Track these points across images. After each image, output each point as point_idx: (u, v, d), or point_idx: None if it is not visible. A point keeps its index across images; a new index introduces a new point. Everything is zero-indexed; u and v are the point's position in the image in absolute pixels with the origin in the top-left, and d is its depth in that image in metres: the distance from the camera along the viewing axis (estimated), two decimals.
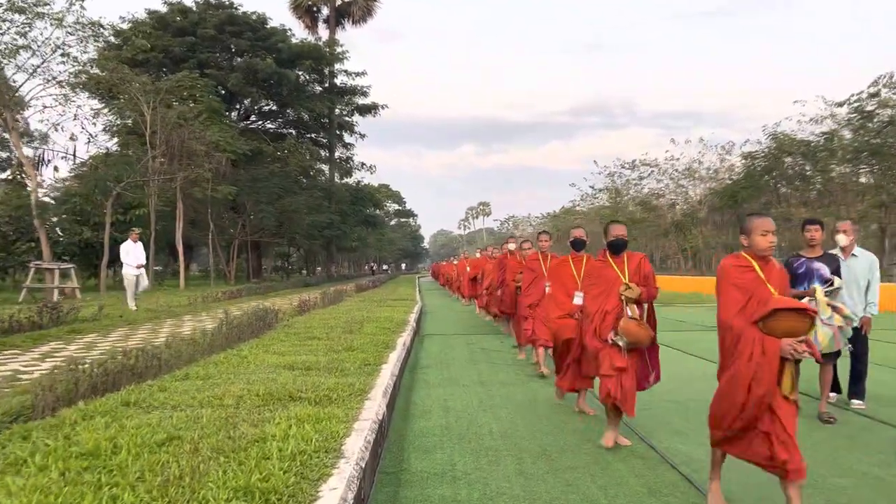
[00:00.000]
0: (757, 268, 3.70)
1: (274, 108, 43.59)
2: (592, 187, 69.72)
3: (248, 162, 35.45)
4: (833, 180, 37.83)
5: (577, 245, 6.74)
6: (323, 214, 38.42)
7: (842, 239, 6.61)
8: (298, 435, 4.10)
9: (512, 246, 10.87)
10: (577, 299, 5.92)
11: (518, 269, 9.61)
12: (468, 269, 17.78)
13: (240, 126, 40.71)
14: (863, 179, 37.70)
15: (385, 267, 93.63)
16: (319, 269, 57.38)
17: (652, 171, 59.72)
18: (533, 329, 8.25)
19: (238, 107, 42.07)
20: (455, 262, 25.34)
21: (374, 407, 5.18)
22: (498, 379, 7.83)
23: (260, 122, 44.95)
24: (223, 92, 37.81)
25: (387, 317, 12.87)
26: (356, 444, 4.10)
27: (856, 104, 33.15)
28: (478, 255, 16.77)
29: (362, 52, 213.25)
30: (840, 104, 34.42)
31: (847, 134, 35.30)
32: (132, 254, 14.90)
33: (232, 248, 35.49)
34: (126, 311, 14.67)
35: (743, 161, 44.70)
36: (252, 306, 11.53)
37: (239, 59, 37.28)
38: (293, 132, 44.65)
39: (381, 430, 5.07)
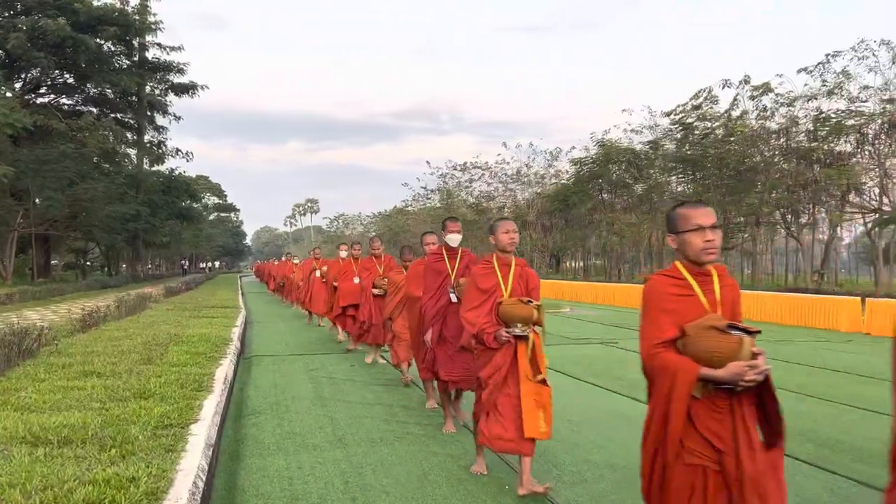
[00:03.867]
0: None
1: (70, 80, 37.66)
2: (424, 188, 69.25)
3: (33, 140, 29.93)
4: (653, 188, 39.65)
5: None
6: (128, 205, 33.49)
7: None
8: None
9: (455, 238, 5.68)
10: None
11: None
12: (319, 272, 13.57)
13: (25, 98, 34.58)
14: (680, 188, 39.88)
15: (204, 265, 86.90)
16: (125, 266, 51.16)
17: (483, 174, 60.27)
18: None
19: (23, 76, 35.75)
20: (296, 262, 19.56)
21: None
22: (363, 432, 5.65)
23: (53, 96, 38.72)
24: (2, 55, 31.75)
25: (202, 334, 10.16)
26: None
27: (680, 115, 34.69)
28: (342, 254, 10.95)
29: (185, 38, 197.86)
30: (668, 114, 35.91)
31: (669, 144, 37.03)
32: None
33: (10, 241, 29.69)
34: None
35: (573, 167, 45.87)
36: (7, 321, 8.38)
37: (24, 18, 31.43)
38: (94, 110, 38.92)
39: None
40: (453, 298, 5.46)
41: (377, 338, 8.95)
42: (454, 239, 5.67)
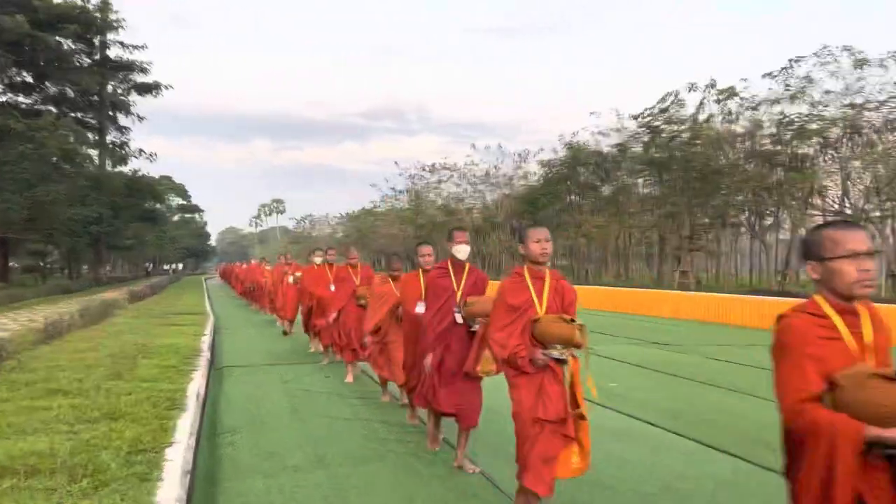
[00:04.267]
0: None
1: (29, 79, 36.62)
2: (393, 189, 69.03)
3: None
4: (621, 190, 40.04)
5: None
6: (89, 207, 32.67)
7: None
8: None
9: (464, 250, 5.19)
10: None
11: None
12: (292, 278, 12.83)
13: None
14: (647, 190, 40.35)
15: (169, 267, 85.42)
16: (87, 267, 49.98)
17: (451, 175, 60.35)
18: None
19: None
20: (267, 266, 18.39)
21: None
22: (343, 451, 5.49)
23: (10, 95, 37.61)
24: None
25: (170, 344, 9.90)
26: None
27: (648, 118, 35.04)
28: (317, 260, 10.43)
29: (149, 36, 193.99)
30: (635, 117, 36.24)
31: (637, 147, 37.40)
32: None
33: None
34: None
35: (541, 169, 46.11)
36: None
37: None
38: (54, 109, 37.91)
39: None
40: (458, 319, 4.89)
41: (358, 353, 8.29)
42: (462, 251, 5.07)
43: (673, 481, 4.73)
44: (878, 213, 27.06)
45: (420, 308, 5.37)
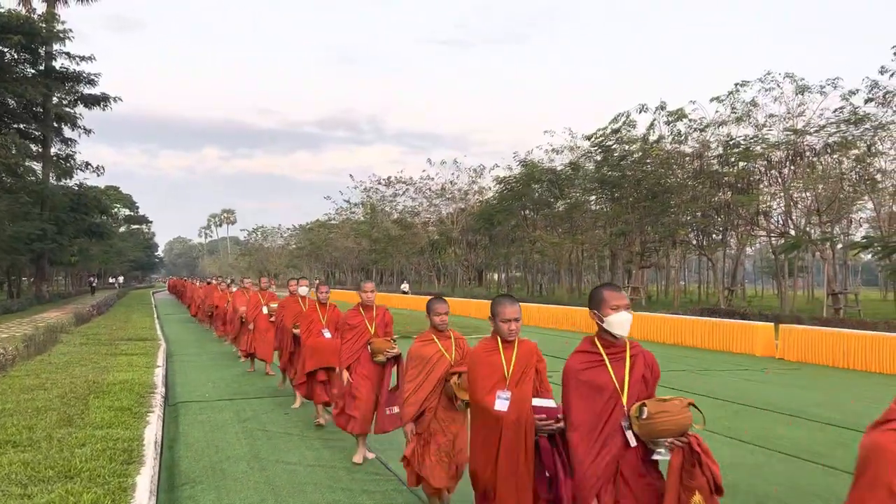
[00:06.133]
0: None
1: None
2: (348, 201, 68.66)
3: None
4: (574, 207, 40.68)
5: None
6: (32, 223, 31.55)
7: None
8: None
9: (624, 322, 3.18)
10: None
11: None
12: (266, 309, 11.30)
13: None
14: (598, 207, 41.07)
15: (114, 280, 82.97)
16: (26, 280, 48.23)
17: (407, 189, 60.41)
18: None
19: None
20: (230, 288, 16.65)
21: None
22: (308, 500, 5.38)
23: None
24: None
25: (123, 381, 9.60)
26: None
27: (600, 139, 35.71)
28: (301, 290, 9.07)
29: (94, 40, 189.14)
30: (588, 137, 36.88)
31: (589, 165, 38.10)
32: None
33: None
34: None
35: (497, 185, 46.55)
36: None
37: None
38: None
39: None
40: (631, 440, 3.02)
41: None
42: (622, 323, 3.11)
43: None
44: (818, 233, 28.10)
45: (502, 404, 3.56)
